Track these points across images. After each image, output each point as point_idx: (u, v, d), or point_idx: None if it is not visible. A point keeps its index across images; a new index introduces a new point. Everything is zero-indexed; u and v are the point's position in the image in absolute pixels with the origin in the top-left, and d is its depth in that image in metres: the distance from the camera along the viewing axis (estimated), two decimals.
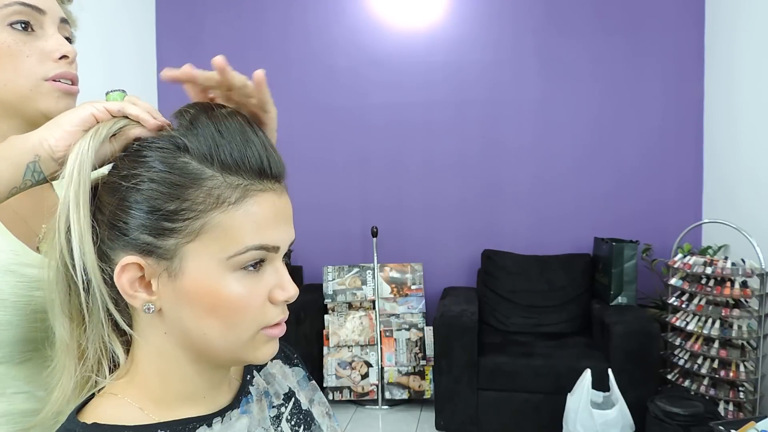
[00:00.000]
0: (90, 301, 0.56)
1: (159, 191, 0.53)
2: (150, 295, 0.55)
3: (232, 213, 0.54)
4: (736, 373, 2.46)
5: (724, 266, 2.51)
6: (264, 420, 0.64)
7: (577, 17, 3.34)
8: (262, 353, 0.58)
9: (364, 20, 3.53)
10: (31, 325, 0.69)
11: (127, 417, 0.55)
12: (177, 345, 0.57)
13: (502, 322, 3.17)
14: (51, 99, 0.73)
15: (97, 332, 0.57)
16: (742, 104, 2.86)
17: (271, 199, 0.56)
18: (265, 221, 0.55)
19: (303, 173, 3.55)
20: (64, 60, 0.74)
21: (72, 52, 0.75)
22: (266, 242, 0.55)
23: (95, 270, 0.55)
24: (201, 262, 0.54)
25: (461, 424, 2.79)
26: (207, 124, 0.55)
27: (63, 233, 0.55)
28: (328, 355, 3.27)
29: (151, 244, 0.54)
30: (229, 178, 0.54)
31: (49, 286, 0.58)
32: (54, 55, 0.74)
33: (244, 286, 0.55)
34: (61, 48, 0.74)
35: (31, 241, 0.73)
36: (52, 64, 0.73)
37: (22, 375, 0.70)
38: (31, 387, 0.71)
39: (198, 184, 0.53)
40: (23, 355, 0.70)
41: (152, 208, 0.53)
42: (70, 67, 0.75)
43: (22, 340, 0.69)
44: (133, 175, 0.54)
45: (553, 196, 3.41)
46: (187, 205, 0.53)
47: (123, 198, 0.55)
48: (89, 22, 3.06)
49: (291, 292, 0.57)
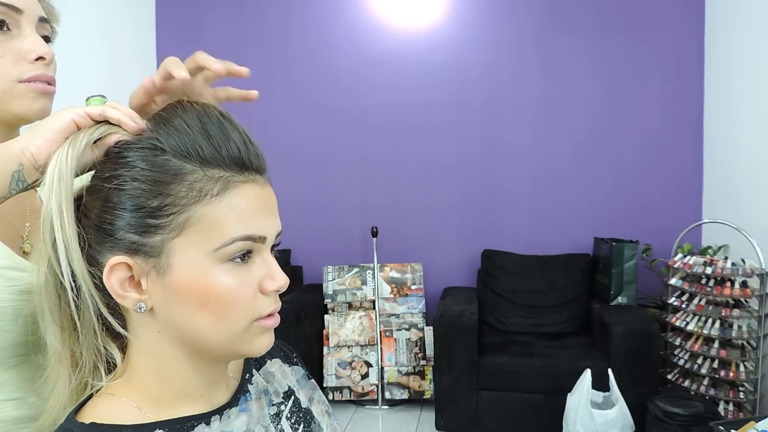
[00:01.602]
0: (81, 308, 0.56)
1: (142, 189, 0.54)
2: (140, 295, 0.55)
3: (215, 205, 0.54)
4: (736, 373, 2.46)
5: (724, 266, 2.51)
6: (263, 418, 0.64)
7: (577, 17, 3.34)
8: (258, 345, 0.58)
9: (364, 20, 3.53)
10: (20, 329, 0.67)
11: (124, 416, 0.55)
12: (171, 343, 0.57)
13: (502, 322, 3.17)
14: (26, 100, 0.71)
15: (90, 339, 0.57)
16: (742, 104, 2.86)
17: (253, 190, 0.56)
18: (249, 212, 0.55)
19: (303, 173, 3.55)
20: (40, 61, 0.71)
21: (49, 53, 0.72)
22: (252, 232, 0.55)
23: (85, 276, 0.55)
24: (188, 257, 0.54)
25: (461, 424, 2.79)
26: (183, 120, 0.56)
27: (49, 244, 0.55)
28: (328, 355, 3.27)
29: (138, 243, 0.54)
30: (209, 172, 0.54)
31: (38, 296, 0.58)
32: (30, 57, 0.70)
33: (233, 277, 0.55)
34: (37, 49, 0.71)
35: (15, 243, 0.72)
36: (28, 66, 0.70)
37: (11, 381, 0.69)
38: (22, 393, 0.69)
39: (179, 179, 0.54)
40: (12, 361, 0.68)
41: (136, 207, 0.54)
42: (47, 68, 0.72)
43: (11, 345, 0.67)
44: (116, 176, 0.55)
45: (553, 196, 3.41)
46: (170, 201, 0.53)
47: (107, 199, 0.55)
48: (89, 22, 3.06)
49: (281, 281, 0.57)
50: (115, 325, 0.57)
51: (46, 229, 0.55)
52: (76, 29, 2.93)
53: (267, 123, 3.55)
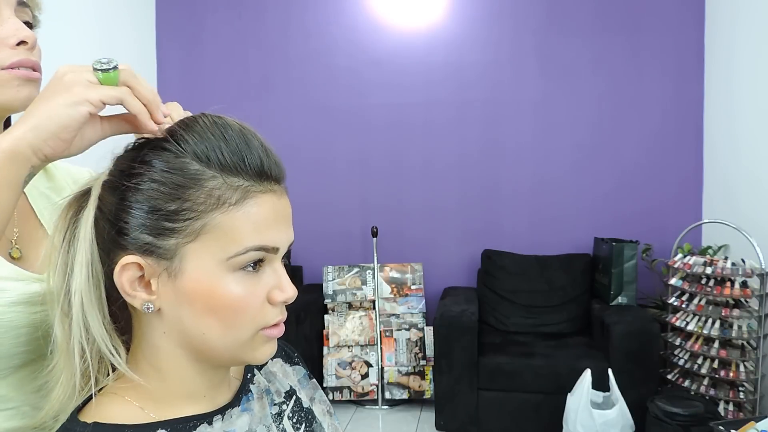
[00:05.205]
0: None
1: (160, 191, 0.53)
2: (149, 295, 0.55)
3: (232, 214, 0.54)
4: (736, 373, 2.46)
5: (724, 266, 2.51)
6: (265, 417, 0.64)
7: (577, 17, 3.34)
8: (261, 353, 0.58)
9: (364, 20, 3.53)
10: (11, 341, 0.65)
11: (127, 416, 0.55)
12: (176, 344, 0.57)
13: (502, 322, 3.17)
14: (10, 88, 0.65)
15: (99, 338, 0.57)
16: (742, 104, 2.86)
17: (271, 201, 0.56)
18: (265, 222, 0.55)
19: (303, 173, 3.55)
20: (22, 46, 0.66)
21: (31, 37, 0.67)
22: (266, 243, 0.55)
23: (99, 273, 0.56)
24: (201, 263, 0.54)
25: (461, 424, 2.79)
26: (206, 127, 0.55)
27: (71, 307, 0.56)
28: (328, 355, 3.27)
29: (152, 244, 0.54)
30: (229, 180, 0.54)
31: (49, 296, 0.58)
32: (11, 41, 0.65)
33: (243, 286, 0.55)
34: (18, 33, 0.65)
35: (4, 249, 0.69)
36: (9, 51, 0.65)
37: (3, 392, 0.67)
38: (16, 403, 0.67)
39: (199, 184, 0.54)
40: (2, 372, 0.66)
41: (153, 208, 0.54)
42: (30, 53, 0.67)
43: (2, 356, 0.65)
44: (134, 174, 0.54)
45: (553, 196, 3.41)
46: (187, 206, 0.53)
47: (123, 197, 0.55)
48: (90, 22, 3.06)
49: (289, 293, 0.57)
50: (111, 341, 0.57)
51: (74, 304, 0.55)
52: (76, 29, 2.93)
53: (267, 123, 3.55)
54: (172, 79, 3.66)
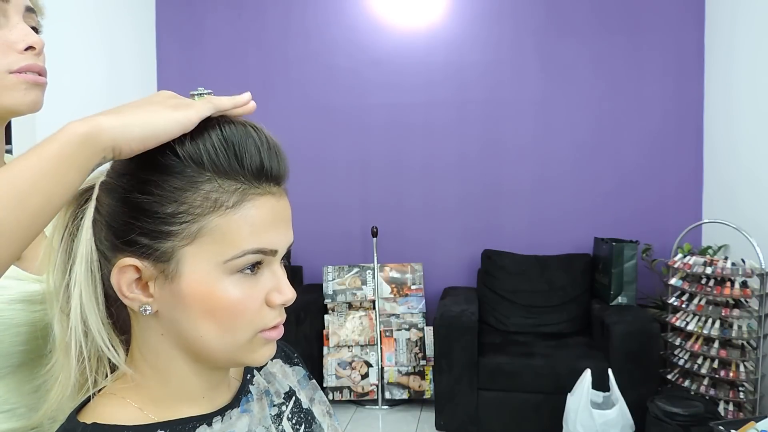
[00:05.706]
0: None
1: (156, 194, 0.53)
2: (147, 297, 0.55)
3: (229, 217, 0.53)
4: (736, 373, 2.46)
5: (724, 266, 2.51)
6: (265, 419, 0.64)
7: (577, 17, 3.34)
8: (260, 356, 0.58)
9: (364, 20, 3.53)
10: (10, 340, 0.65)
11: (126, 417, 0.55)
12: (174, 346, 0.57)
13: (502, 322, 3.17)
14: (17, 92, 0.67)
15: (97, 333, 0.57)
16: (742, 104, 2.86)
17: (269, 203, 0.56)
18: (263, 225, 0.55)
19: (303, 173, 3.55)
20: (30, 51, 0.68)
21: (39, 43, 0.69)
22: (264, 246, 0.55)
23: (97, 275, 0.55)
24: (198, 265, 0.54)
25: (461, 424, 2.79)
26: (204, 129, 0.55)
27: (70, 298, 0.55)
28: (328, 355, 3.27)
29: (149, 247, 0.54)
30: (226, 182, 0.54)
31: (48, 295, 0.58)
32: (19, 46, 0.67)
33: (241, 289, 0.54)
34: (26, 38, 0.67)
35: None
36: (17, 56, 0.67)
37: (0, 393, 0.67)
38: (13, 405, 0.67)
39: (195, 187, 0.53)
40: (0, 372, 0.66)
41: (150, 211, 0.53)
42: (37, 58, 0.69)
43: (1, 355, 0.65)
44: (130, 176, 0.54)
45: (553, 196, 3.41)
46: (184, 209, 0.53)
47: (120, 200, 0.54)
48: (90, 23, 3.06)
49: (288, 295, 0.57)
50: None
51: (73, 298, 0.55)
52: (77, 29, 2.93)
53: (267, 123, 3.50)
54: (172, 79, 3.66)
